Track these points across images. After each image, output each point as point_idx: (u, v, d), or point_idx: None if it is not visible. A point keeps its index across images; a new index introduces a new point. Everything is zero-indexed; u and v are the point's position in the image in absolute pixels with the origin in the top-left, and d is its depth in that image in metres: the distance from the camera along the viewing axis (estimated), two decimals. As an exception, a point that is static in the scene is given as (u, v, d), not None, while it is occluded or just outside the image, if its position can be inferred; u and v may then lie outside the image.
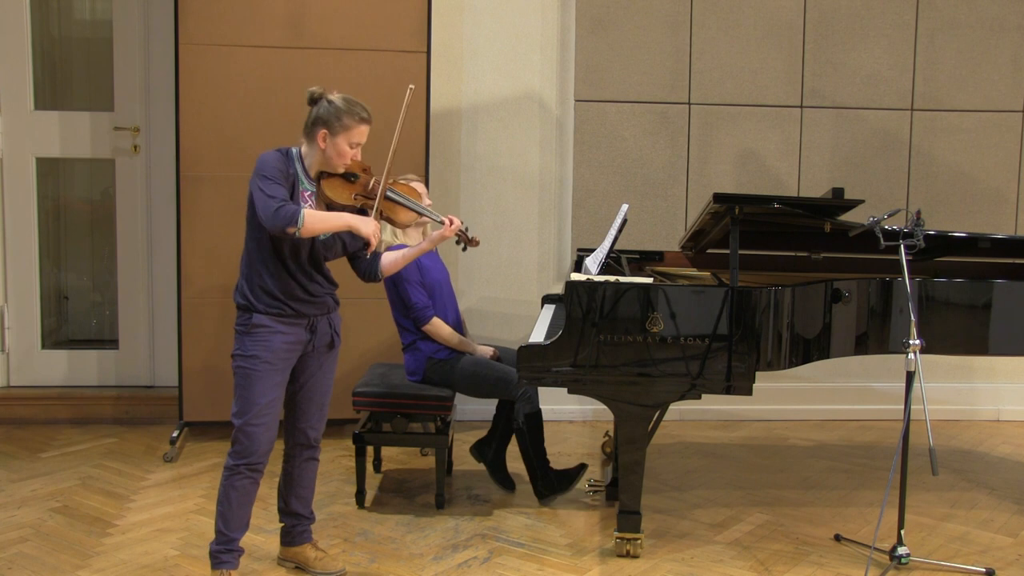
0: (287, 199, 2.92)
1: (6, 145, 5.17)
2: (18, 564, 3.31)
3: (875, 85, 5.31)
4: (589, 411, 5.33)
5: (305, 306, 3.07)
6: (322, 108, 3.01)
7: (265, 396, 3.01)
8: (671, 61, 5.22)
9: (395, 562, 3.39)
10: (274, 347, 3.02)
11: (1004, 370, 5.49)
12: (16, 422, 5.04)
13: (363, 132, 3.05)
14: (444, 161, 5.13)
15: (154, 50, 5.17)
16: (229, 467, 3.04)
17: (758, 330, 3.37)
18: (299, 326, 3.07)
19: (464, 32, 5.14)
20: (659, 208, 5.27)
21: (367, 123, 3.05)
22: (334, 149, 3.02)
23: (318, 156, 3.05)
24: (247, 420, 3.00)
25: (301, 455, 3.25)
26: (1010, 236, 4.00)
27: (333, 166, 3.06)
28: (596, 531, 3.72)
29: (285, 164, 3.00)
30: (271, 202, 2.87)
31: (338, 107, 3.00)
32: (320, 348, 3.17)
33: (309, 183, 3.07)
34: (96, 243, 5.55)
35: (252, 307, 3.03)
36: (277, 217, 2.85)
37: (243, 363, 3.02)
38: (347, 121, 2.99)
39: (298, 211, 2.86)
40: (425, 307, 3.97)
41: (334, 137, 3.00)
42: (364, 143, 3.07)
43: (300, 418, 3.22)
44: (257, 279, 3.03)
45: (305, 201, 3.03)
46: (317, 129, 3.01)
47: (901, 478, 3.34)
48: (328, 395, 3.26)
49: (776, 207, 3.45)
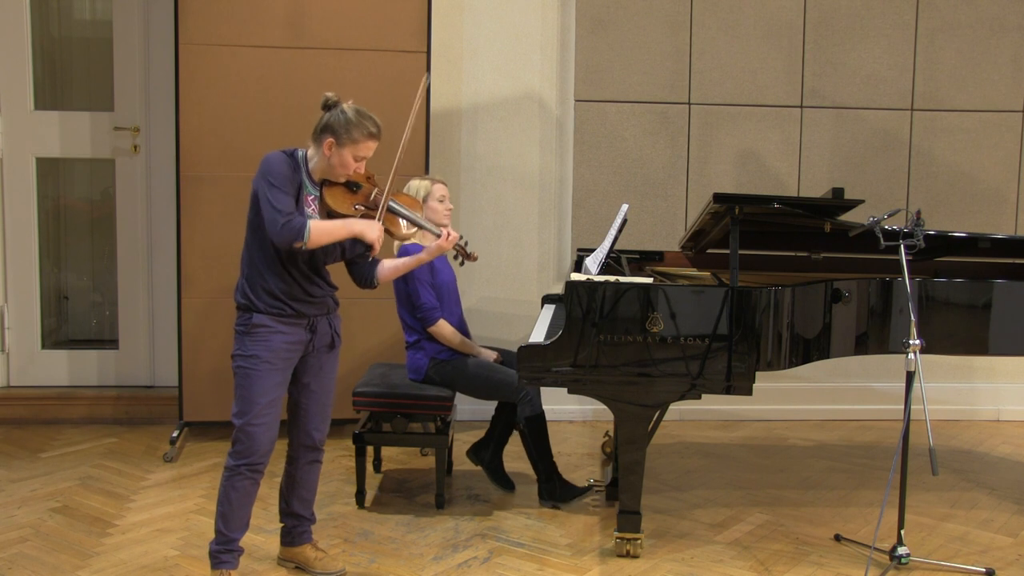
0: (293, 211, 2.92)
1: (6, 145, 5.17)
2: (18, 564, 3.31)
3: (875, 85, 5.31)
4: (589, 411, 5.33)
5: (305, 306, 3.07)
6: (333, 116, 2.99)
7: (265, 396, 3.00)
8: (671, 61, 5.22)
9: (395, 562, 3.39)
10: (274, 347, 3.02)
11: (1004, 370, 5.49)
12: (16, 422, 5.04)
13: (370, 147, 3.03)
14: (444, 161, 5.13)
15: (154, 50, 5.17)
16: (230, 467, 3.04)
17: (758, 330, 3.37)
18: (299, 326, 3.07)
19: (464, 32, 5.14)
20: (659, 208, 5.27)
21: (375, 139, 3.03)
22: (339, 159, 3.01)
23: (322, 163, 3.04)
24: (247, 420, 3.00)
25: (305, 457, 3.25)
26: (1010, 236, 4.00)
27: (335, 175, 3.06)
28: (596, 531, 3.72)
29: (291, 168, 3.00)
30: (278, 217, 2.88)
31: (348, 119, 2.98)
32: (321, 348, 3.16)
33: (313, 187, 3.07)
34: (96, 243, 5.55)
35: (253, 306, 3.03)
36: (284, 232, 2.88)
37: (243, 363, 3.02)
38: (355, 134, 2.98)
39: (304, 225, 2.88)
40: (433, 308, 3.97)
41: (340, 148, 2.99)
42: (369, 157, 3.07)
43: (304, 420, 3.21)
44: (259, 279, 3.03)
45: (309, 205, 3.03)
46: (325, 136, 3.00)
47: (901, 478, 3.34)
48: (331, 396, 3.26)
49: (776, 207, 3.45)
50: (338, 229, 2.98)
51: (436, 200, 4.05)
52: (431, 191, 4.06)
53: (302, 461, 3.25)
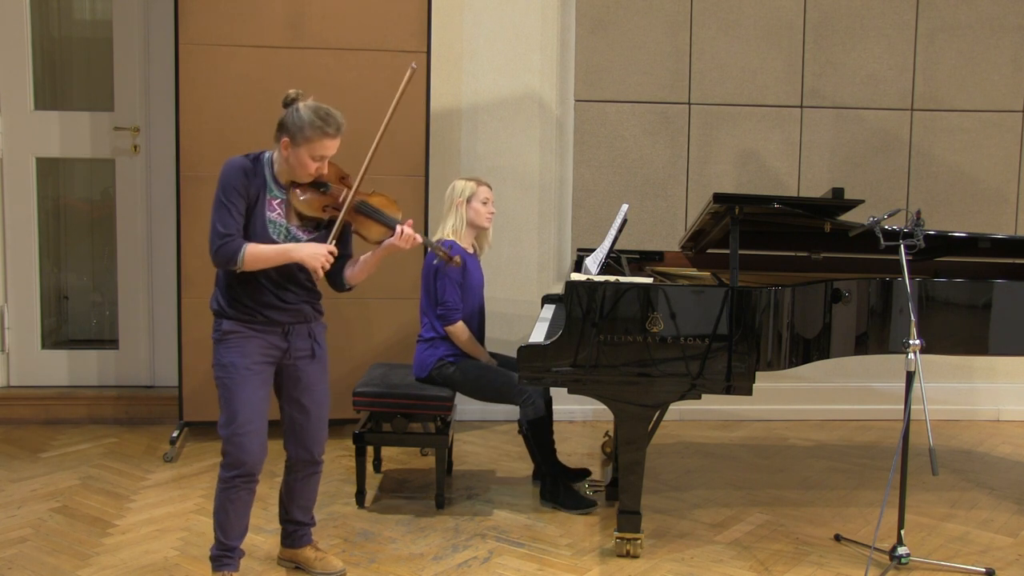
0: (233, 233, 2.85)
1: (6, 145, 5.17)
2: (18, 564, 3.31)
3: (875, 85, 5.31)
4: (589, 411, 5.33)
5: (278, 313, 2.99)
6: (288, 115, 2.88)
7: (248, 404, 2.94)
8: (671, 61, 5.22)
9: (395, 562, 3.39)
10: (249, 352, 2.95)
11: (1004, 370, 5.49)
12: (16, 422, 5.04)
13: (328, 146, 2.88)
14: (444, 161, 5.13)
15: (154, 50, 5.17)
16: (224, 480, 2.99)
17: (758, 330, 3.37)
18: (273, 333, 3.00)
19: (464, 32, 5.14)
20: (659, 208, 5.27)
21: (332, 138, 2.88)
22: (296, 159, 2.89)
23: (284, 164, 2.93)
24: (233, 431, 2.94)
25: (304, 470, 3.21)
26: (1010, 236, 4.00)
27: (298, 176, 2.94)
28: (596, 531, 3.72)
29: (247, 176, 2.90)
30: (215, 239, 2.84)
31: (302, 117, 2.85)
32: (300, 358, 3.07)
33: (279, 190, 2.96)
34: (96, 243, 5.55)
35: (223, 312, 2.97)
36: (218, 255, 2.84)
37: (221, 373, 2.96)
38: (309, 133, 2.84)
39: (238, 250, 2.82)
40: (455, 308, 3.97)
41: (296, 148, 2.87)
42: (331, 155, 2.93)
43: (302, 437, 3.15)
44: (230, 285, 2.96)
45: (273, 209, 2.94)
46: (281, 136, 2.90)
47: (901, 478, 3.34)
48: (325, 407, 3.18)
49: (776, 207, 3.45)
50: (276, 256, 2.88)
51: (480, 202, 4.06)
52: (476, 192, 4.06)
53: (301, 473, 3.21)
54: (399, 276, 4.73)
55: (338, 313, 4.73)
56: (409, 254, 4.70)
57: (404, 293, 4.75)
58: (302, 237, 2.99)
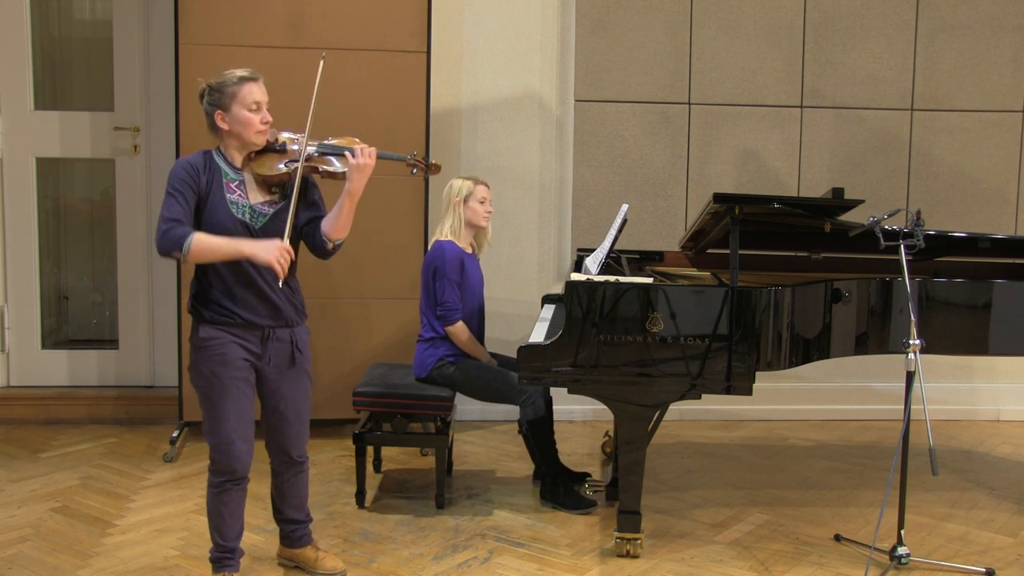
0: (181, 220, 2.82)
1: (6, 145, 5.17)
2: (18, 564, 3.31)
3: (875, 85, 5.31)
4: (589, 411, 5.33)
5: (257, 316, 2.95)
6: (207, 98, 2.92)
7: (234, 412, 2.92)
8: (671, 61, 5.22)
9: (395, 562, 3.39)
10: (229, 358, 2.92)
11: (1004, 370, 5.49)
12: (16, 422, 5.04)
13: (253, 90, 2.91)
14: (444, 161, 5.10)
15: (154, 50, 5.17)
16: (214, 484, 2.98)
17: (758, 330, 3.37)
18: (251, 336, 2.96)
19: (464, 32, 5.14)
20: (659, 208, 5.27)
21: (252, 80, 2.93)
22: (237, 121, 2.90)
23: (232, 140, 2.93)
24: (220, 439, 2.93)
25: (288, 471, 3.19)
26: (1010, 236, 4.00)
27: (250, 140, 2.93)
28: (596, 531, 3.72)
29: (196, 168, 2.90)
30: (161, 224, 2.81)
31: (214, 84, 2.91)
32: (280, 363, 3.03)
33: (235, 173, 2.95)
34: (96, 243, 5.55)
35: (200, 316, 2.95)
36: (163, 240, 2.79)
37: (202, 383, 2.94)
38: (231, 88, 2.89)
39: (184, 238, 2.77)
40: (455, 308, 3.97)
41: (229, 111, 2.89)
42: (266, 100, 2.94)
43: (282, 441, 3.13)
44: (207, 286, 2.95)
45: (232, 191, 2.92)
46: (213, 116, 2.91)
47: (901, 478, 3.34)
48: (305, 413, 3.15)
49: (776, 207, 3.45)
50: (225, 247, 2.82)
51: (477, 201, 4.06)
52: (473, 191, 4.06)
53: (286, 475, 3.20)
54: (399, 276, 4.74)
55: (338, 313, 4.73)
56: (409, 254, 4.72)
57: (404, 293, 4.75)
58: (267, 212, 2.95)
